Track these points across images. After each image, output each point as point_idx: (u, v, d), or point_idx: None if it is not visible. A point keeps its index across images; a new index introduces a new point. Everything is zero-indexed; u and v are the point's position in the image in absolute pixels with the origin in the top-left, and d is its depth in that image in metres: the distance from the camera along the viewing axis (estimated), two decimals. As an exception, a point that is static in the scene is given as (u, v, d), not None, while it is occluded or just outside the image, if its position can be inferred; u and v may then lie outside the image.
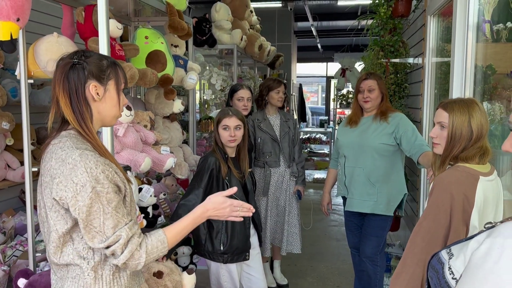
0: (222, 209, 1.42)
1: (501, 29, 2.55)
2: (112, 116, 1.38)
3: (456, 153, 1.65)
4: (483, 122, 1.64)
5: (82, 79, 1.29)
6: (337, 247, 4.64)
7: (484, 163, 1.63)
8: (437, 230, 1.54)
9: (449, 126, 1.66)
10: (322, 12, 9.61)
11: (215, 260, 2.39)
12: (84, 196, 1.18)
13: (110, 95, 1.35)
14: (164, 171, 2.17)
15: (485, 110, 1.69)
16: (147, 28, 2.27)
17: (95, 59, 1.33)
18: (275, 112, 3.39)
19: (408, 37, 3.76)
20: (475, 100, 1.69)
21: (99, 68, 1.32)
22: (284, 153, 3.30)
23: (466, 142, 1.63)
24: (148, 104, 2.45)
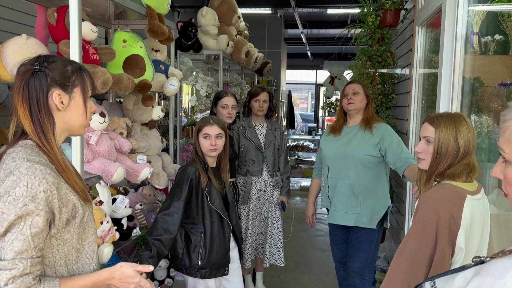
0: (127, 284, 1.28)
1: (489, 41, 2.52)
2: (79, 125, 1.29)
3: (442, 170, 1.59)
4: (470, 138, 1.58)
5: (44, 87, 1.19)
6: (322, 258, 4.56)
7: (471, 181, 1.57)
8: (422, 250, 1.47)
9: (435, 141, 1.60)
10: (312, 20, 9.61)
11: (192, 275, 2.29)
12: (11, 210, 1.07)
13: (76, 103, 1.25)
14: (139, 181, 2.07)
15: (473, 126, 1.63)
16: (126, 31, 2.18)
17: (59, 65, 1.23)
18: (262, 120, 3.31)
19: (396, 47, 3.72)
20: (462, 115, 1.63)
21: (63, 74, 1.22)
22: (268, 162, 3.22)
23: (452, 158, 1.57)
24: (126, 111, 2.35)
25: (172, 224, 2.17)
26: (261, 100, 3.20)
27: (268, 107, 3.26)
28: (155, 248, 2.13)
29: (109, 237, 1.99)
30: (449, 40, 2.20)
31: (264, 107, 3.23)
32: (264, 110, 3.24)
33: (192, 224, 2.29)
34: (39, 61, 1.21)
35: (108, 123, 1.98)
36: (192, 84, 3.83)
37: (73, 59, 1.59)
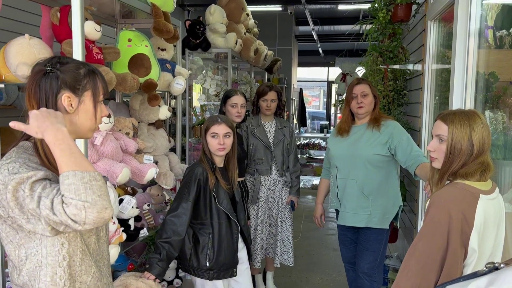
0: None
1: (504, 35, 2.44)
2: (87, 129, 1.26)
3: (455, 169, 1.53)
4: (485, 136, 1.51)
5: (54, 88, 1.18)
6: (334, 257, 4.50)
7: (485, 180, 1.51)
8: (433, 252, 1.42)
9: (448, 140, 1.54)
10: (323, 17, 9.51)
11: (200, 277, 2.26)
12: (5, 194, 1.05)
13: (85, 107, 1.23)
14: (145, 182, 2.05)
15: (487, 123, 1.56)
16: (131, 30, 2.16)
17: (72, 67, 1.21)
18: (271, 119, 3.27)
19: (408, 43, 3.64)
20: (476, 112, 1.56)
21: (74, 77, 1.20)
22: (277, 161, 3.18)
23: (466, 157, 1.50)
24: (132, 110, 2.33)
25: (180, 226, 2.15)
26: (268, 100, 3.16)
27: (276, 105, 3.22)
28: (164, 251, 2.11)
29: (115, 238, 1.98)
30: (462, 34, 2.14)
31: (272, 106, 3.19)
32: (272, 109, 3.20)
33: (200, 224, 2.26)
34: (52, 62, 1.20)
35: (113, 124, 1.96)
36: (201, 83, 3.80)
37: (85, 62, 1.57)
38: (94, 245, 1.24)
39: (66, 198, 0.99)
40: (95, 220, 1.01)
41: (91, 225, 1.01)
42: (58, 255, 1.13)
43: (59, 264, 1.13)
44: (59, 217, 0.99)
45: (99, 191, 1.03)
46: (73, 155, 1.05)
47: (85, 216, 0.99)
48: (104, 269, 1.27)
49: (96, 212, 1.00)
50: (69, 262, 1.15)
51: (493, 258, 1.52)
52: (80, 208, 0.99)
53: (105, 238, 1.30)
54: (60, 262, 1.14)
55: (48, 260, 1.13)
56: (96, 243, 1.25)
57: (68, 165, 1.03)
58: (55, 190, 1.03)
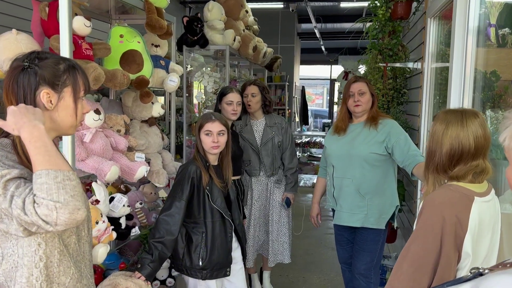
0: None
1: (507, 34, 2.40)
2: (68, 125, 1.23)
3: (440, 167, 1.50)
4: (477, 136, 1.46)
5: (32, 84, 1.15)
6: (332, 257, 4.46)
7: (480, 182, 1.47)
8: (426, 255, 1.38)
9: (429, 135, 1.54)
10: (326, 14, 9.45)
11: (193, 276, 2.24)
12: None
13: (65, 103, 1.20)
14: (135, 180, 2.02)
15: (483, 126, 1.49)
16: (123, 26, 2.13)
17: (50, 62, 1.18)
18: (260, 117, 3.15)
19: (408, 41, 3.59)
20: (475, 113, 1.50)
21: (53, 73, 1.17)
22: (264, 162, 3.09)
23: (445, 157, 1.47)
24: (125, 107, 2.30)
25: (174, 225, 2.12)
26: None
27: (258, 101, 3.06)
28: (156, 251, 2.08)
29: (105, 237, 1.95)
30: (460, 32, 2.09)
31: (253, 101, 3.01)
32: (253, 105, 3.05)
33: (193, 223, 2.23)
34: (30, 57, 1.17)
35: (103, 121, 1.93)
36: (199, 80, 3.77)
37: (66, 56, 1.54)
38: (74, 246, 1.21)
39: (37, 197, 0.96)
40: (67, 221, 0.97)
41: (63, 226, 0.98)
42: (35, 255, 1.10)
43: (35, 265, 1.10)
44: (30, 217, 0.96)
45: (72, 191, 0.99)
46: (48, 153, 1.02)
47: (56, 217, 0.96)
48: (84, 270, 1.24)
49: (68, 213, 0.97)
50: (46, 263, 1.12)
51: (488, 261, 1.48)
52: (51, 208, 0.95)
53: (86, 238, 1.27)
54: (37, 263, 1.11)
55: (24, 261, 1.10)
56: (77, 243, 1.22)
57: (42, 163, 1.00)
58: (27, 189, 1.00)
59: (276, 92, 9.90)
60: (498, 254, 1.55)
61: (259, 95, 3.06)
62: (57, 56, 1.24)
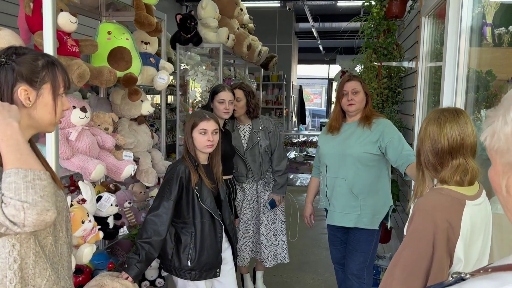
0: None
1: (503, 33, 2.38)
2: (47, 123, 1.20)
3: (427, 163, 1.48)
4: (460, 134, 1.43)
5: (9, 81, 1.11)
6: (327, 257, 4.41)
7: (470, 183, 1.44)
8: (418, 261, 1.35)
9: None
10: (323, 13, 9.42)
11: (182, 277, 2.21)
12: None
13: (44, 101, 1.17)
14: (122, 179, 1.99)
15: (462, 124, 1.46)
16: (111, 23, 2.10)
17: (28, 58, 1.15)
18: (246, 121, 3.06)
19: (403, 40, 3.56)
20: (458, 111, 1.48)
21: (31, 69, 1.14)
22: (251, 167, 3.04)
23: (429, 154, 1.46)
24: (114, 105, 2.27)
25: (161, 225, 2.09)
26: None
27: (243, 105, 2.96)
28: (143, 251, 2.05)
29: (91, 236, 1.92)
30: (453, 31, 2.07)
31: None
32: (238, 109, 2.93)
33: (182, 223, 2.20)
34: (7, 53, 1.14)
35: (90, 118, 1.90)
36: (192, 78, 3.74)
37: (47, 52, 1.51)
38: (51, 247, 1.17)
39: (5, 197, 0.93)
40: (35, 223, 0.94)
41: (31, 227, 0.94)
42: (9, 257, 1.07)
43: (9, 266, 1.07)
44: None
45: (42, 192, 0.96)
46: (19, 151, 0.99)
47: (24, 217, 0.92)
48: (62, 272, 1.21)
49: (36, 214, 0.94)
50: (21, 265, 1.09)
51: (479, 264, 1.45)
52: (18, 208, 0.92)
53: (64, 239, 1.24)
54: (11, 265, 1.07)
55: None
56: (53, 245, 1.18)
57: (12, 162, 0.97)
58: None
59: (274, 92, 9.87)
60: (488, 256, 1.52)
61: (244, 99, 2.97)
62: (36, 52, 1.21)
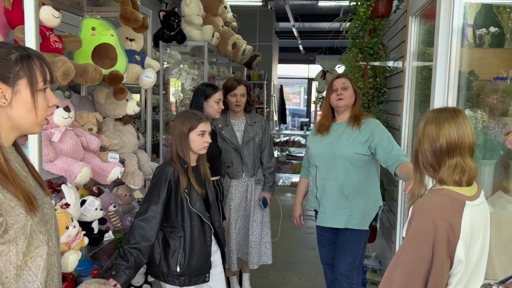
0: None
1: (483, 34, 2.40)
2: (30, 122, 1.10)
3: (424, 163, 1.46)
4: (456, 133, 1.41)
5: None
6: (312, 257, 4.42)
7: (469, 184, 1.42)
8: (418, 264, 1.33)
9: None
10: (304, 13, 9.44)
11: (170, 283, 2.13)
12: None
13: (22, 98, 1.07)
14: (109, 182, 1.90)
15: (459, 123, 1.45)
16: (95, 18, 2.00)
17: (1, 53, 1.05)
18: (240, 116, 3.07)
19: (388, 39, 3.57)
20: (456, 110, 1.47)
21: (3, 64, 1.04)
22: (247, 162, 3.01)
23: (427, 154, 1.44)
24: (98, 105, 2.18)
25: (150, 230, 2.01)
26: (238, 95, 2.94)
27: (246, 101, 3.02)
28: (132, 257, 1.97)
29: (76, 242, 1.83)
30: (444, 32, 2.05)
31: (242, 101, 2.97)
32: (242, 105, 3.00)
33: (171, 227, 2.13)
34: None
35: (73, 119, 1.81)
36: (176, 77, 3.65)
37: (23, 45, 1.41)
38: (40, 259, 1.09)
39: None
40: None
41: None
42: None
43: None
44: None
45: None
46: None
47: None
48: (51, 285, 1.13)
49: None
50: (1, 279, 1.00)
51: (478, 265, 1.44)
52: None
53: (55, 249, 1.15)
54: None
55: None
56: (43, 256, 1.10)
57: None
58: None
59: (255, 91, 9.83)
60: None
61: (247, 95, 3.02)
62: (9, 45, 1.10)
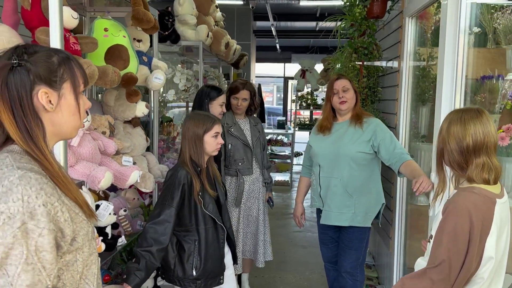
0: None
1: (468, 34, 2.48)
2: (72, 127, 1.08)
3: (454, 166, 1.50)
4: (480, 133, 1.47)
5: (27, 85, 0.98)
6: (304, 255, 4.46)
7: (495, 183, 1.48)
8: (455, 260, 1.37)
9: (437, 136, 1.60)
10: (280, 12, 9.49)
11: (186, 287, 2.11)
12: (7, 232, 0.87)
13: (67, 102, 1.04)
14: (127, 186, 1.86)
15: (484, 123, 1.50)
16: (107, 19, 1.95)
17: (42, 56, 1.01)
18: (244, 116, 3.16)
19: (380, 39, 3.64)
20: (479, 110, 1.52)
21: (48, 68, 1.01)
22: (258, 159, 3.09)
23: (455, 153, 1.48)
24: (107, 107, 2.12)
25: (162, 234, 1.98)
26: (240, 99, 3.04)
27: (247, 105, 3.11)
28: (144, 260, 1.94)
29: (94, 249, 1.79)
30: (451, 32, 2.11)
31: (243, 105, 3.07)
32: (242, 108, 3.09)
33: (184, 231, 2.11)
34: (17, 53, 0.99)
35: (90, 122, 1.76)
36: (170, 77, 3.60)
37: (56, 47, 1.37)
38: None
39: None
40: None
41: None
42: None
43: None
44: None
45: None
46: None
47: None
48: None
49: None
50: None
51: (501, 260, 1.50)
52: None
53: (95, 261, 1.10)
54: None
55: None
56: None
57: None
58: None
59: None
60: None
61: (249, 100, 3.09)
62: (47, 48, 1.07)
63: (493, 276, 1.47)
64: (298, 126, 8.35)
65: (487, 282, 1.44)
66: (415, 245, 3.07)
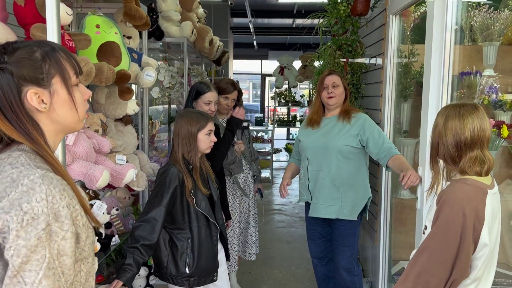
0: None
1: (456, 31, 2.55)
2: (73, 122, 1.02)
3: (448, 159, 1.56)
4: (476, 127, 1.54)
5: (13, 88, 0.92)
6: (289, 250, 4.51)
7: (487, 174, 1.54)
8: (446, 251, 1.43)
9: (432, 130, 1.64)
10: (257, 9, 9.50)
11: (179, 285, 2.10)
12: (31, 233, 0.82)
13: (61, 97, 0.97)
14: (123, 185, 1.84)
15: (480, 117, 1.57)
16: (98, 15, 1.92)
17: (24, 53, 0.93)
18: (225, 115, 3.09)
19: (363, 36, 3.70)
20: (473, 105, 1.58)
21: (31, 66, 0.93)
22: (245, 155, 3.09)
23: (450, 147, 1.54)
24: (97, 105, 2.08)
25: (150, 233, 1.96)
26: (230, 99, 2.97)
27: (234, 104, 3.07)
28: (131, 255, 1.92)
29: (90, 249, 1.76)
30: (438, 30, 2.17)
31: (231, 105, 3.01)
32: (230, 108, 3.02)
33: (177, 229, 2.10)
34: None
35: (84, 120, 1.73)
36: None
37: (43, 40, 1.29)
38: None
39: None
40: None
41: None
42: None
43: None
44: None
45: None
46: None
47: None
48: None
49: None
50: None
51: (493, 248, 1.56)
52: None
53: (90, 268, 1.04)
54: None
55: None
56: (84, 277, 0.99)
57: None
58: None
59: (212, 87, 9.77)
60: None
61: (236, 99, 3.06)
62: (27, 43, 0.97)
63: (486, 265, 1.53)
64: (278, 122, 8.40)
65: (481, 271, 1.49)
66: (399, 237, 3.16)
